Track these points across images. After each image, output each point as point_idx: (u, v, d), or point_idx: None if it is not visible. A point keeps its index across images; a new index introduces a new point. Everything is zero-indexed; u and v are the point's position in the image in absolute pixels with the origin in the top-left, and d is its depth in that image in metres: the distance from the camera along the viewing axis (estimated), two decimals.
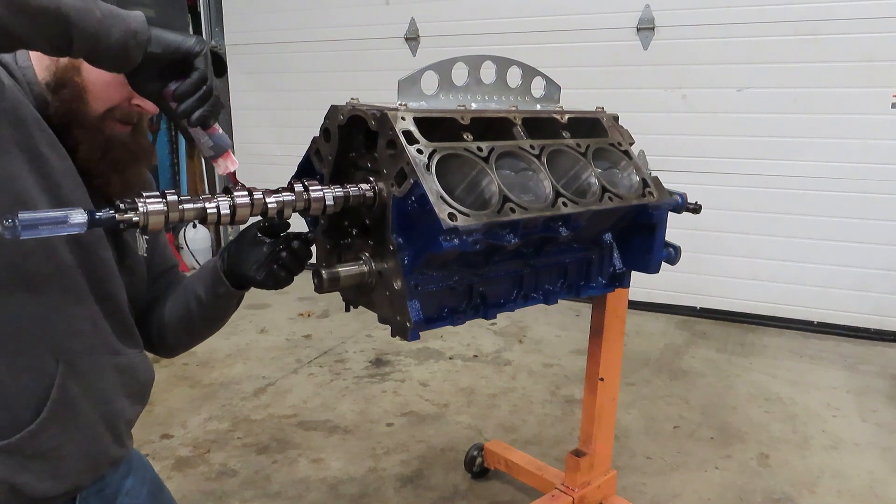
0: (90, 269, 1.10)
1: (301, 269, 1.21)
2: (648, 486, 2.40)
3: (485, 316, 1.37)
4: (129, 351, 1.20)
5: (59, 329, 1.06)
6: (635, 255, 1.54)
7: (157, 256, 1.35)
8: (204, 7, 5.19)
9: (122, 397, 1.19)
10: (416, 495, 2.35)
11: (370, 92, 1.51)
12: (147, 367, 1.27)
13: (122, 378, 1.18)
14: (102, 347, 1.13)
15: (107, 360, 1.14)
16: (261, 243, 1.20)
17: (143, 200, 0.95)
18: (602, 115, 1.56)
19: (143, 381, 1.25)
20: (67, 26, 0.84)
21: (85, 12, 0.84)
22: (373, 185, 1.20)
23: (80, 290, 1.09)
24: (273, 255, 1.18)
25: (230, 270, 1.23)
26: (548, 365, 3.44)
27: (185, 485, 2.40)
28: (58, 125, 1.06)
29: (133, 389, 1.22)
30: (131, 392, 1.22)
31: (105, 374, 1.14)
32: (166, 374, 3.27)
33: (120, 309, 1.18)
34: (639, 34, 3.99)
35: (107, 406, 1.15)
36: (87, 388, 1.10)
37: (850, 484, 2.42)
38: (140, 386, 1.24)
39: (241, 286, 1.25)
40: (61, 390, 1.06)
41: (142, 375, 1.24)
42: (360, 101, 1.27)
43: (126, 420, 1.22)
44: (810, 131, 3.74)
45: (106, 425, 1.16)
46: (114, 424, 1.17)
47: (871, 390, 3.18)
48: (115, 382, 1.16)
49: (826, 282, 3.89)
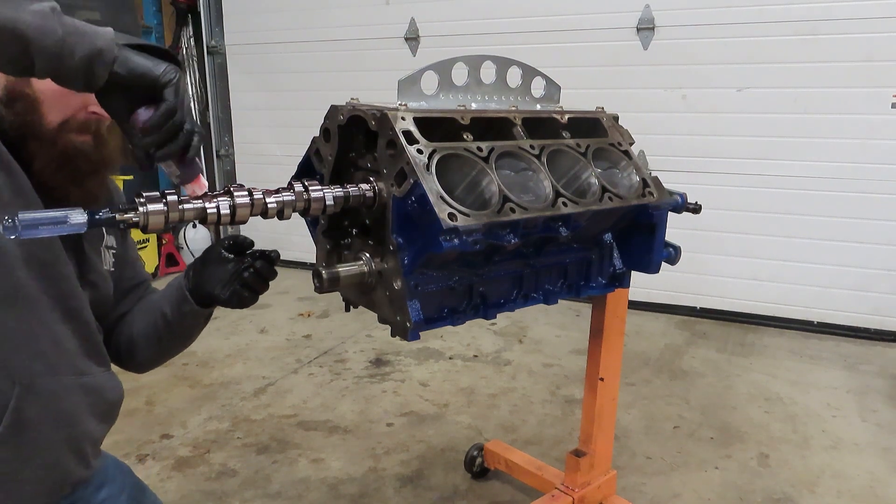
0: (50, 287, 1.07)
1: (265, 288, 1.20)
2: (648, 486, 2.40)
3: (485, 316, 1.37)
4: (95, 370, 1.17)
5: (18, 350, 1.03)
6: (635, 255, 1.54)
7: (127, 271, 1.32)
8: (204, 7, 5.19)
9: (88, 418, 1.15)
10: (416, 495, 2.35)
11: (370, 92, 1.51)
12: (115, 385, 1.24)
13: (89, 398, 1.15)
14: (66, 368, 1.10)
15: (71, 381, 1.11)
16: (226, 261, 1.19)
17: (144, 200, 0.95)
18: (602, 115, 1.56)
19: (111, 400, 1.22)
20: (26, 45, 0.81)
21: (45, 31, 0.81)
22: (373, 185, 1.20)
23: (40, 309, 1.06)
24: (237, 275, 1.17)
25: (195, 289, 1.22)
26: (548, 365, 3.44)
27: (185, 485, 2.40)
28: (13, 139, 1.03)
29: (100, 409, 1.19)
30: (99, 412, 1.19)
31: (69, 394, 1.11)
32: (166, 374, 3.27)
33: (85, 327, 1.15)
34: (639, 34, 3.99)
35: (71, 428, 1.12)
36: (47, 410, 1.07)
37: (850, 484, 2.42)
38: (108, 405, 1.22)
39: (206, 304, 1.23)
40: (15, 413, 1.03)
41: (109, 395, 1.21)
42: (360, 101, 1.27)
43: (92, 440, 1.19)
44: (810, 131, 3.74)
45: (69, 447, 1.12)
46: (78, 446, 1.14)
47: (871, 390, 3.18)
48: (80, 403, 1.13)
49: (826, 282, 3.89)
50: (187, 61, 5.38)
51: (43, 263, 1.06)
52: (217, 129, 5.39)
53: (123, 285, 1.32)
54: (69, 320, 1.11)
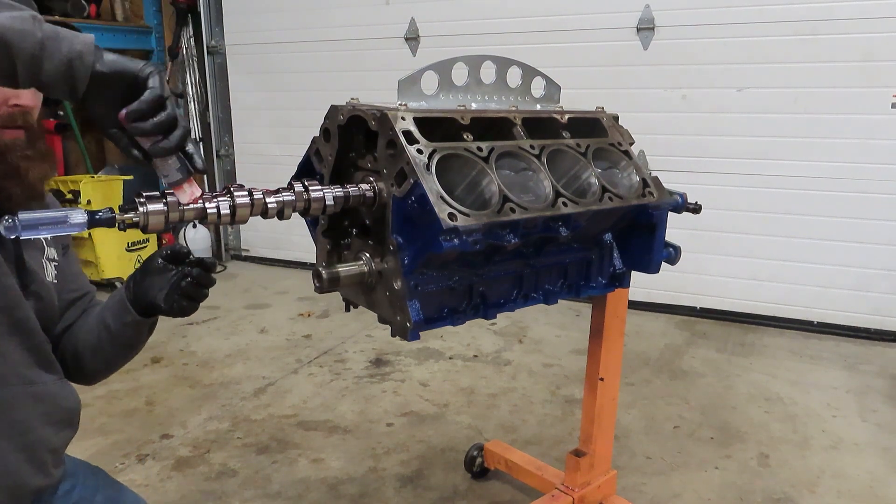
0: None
1: (203, 296, 1.19)
2: (648, 486, 2.40)
3: (485, 316, 1.37)
4: (46, 378, 1.17)
5: None
6: (635, 255, 1.54)
7: (69, 283, 1.32)
8: (204, 7, 5.18)
9: (43, 426, 1.15)
10: (416, 495, 2.35)
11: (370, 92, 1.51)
12: (69, 392, 1.24)
13: (42, 407, 1.15)
14: (14, 378, 1.10)
15: (21, 391, 1.11)
16: (165, 271, 1.18)
17: (144, 200, 0.95)
18: (602, 115, 1.56)
19: (67, 407, 1.22)
20: (6, 49, 0.80)
21: (24, 35, 0.81)
22: (373, 185, 1.20)
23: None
24: (175, 284, 1.17)
25: (136, 299, 1.21)
26: (548, 365, 3.44)
27: (185, 485, 2.40)
28: None
29: (57, 417, 1.19)
30: (55, 420, 1.19)
31: (20, 404, 1.11)
32: (166, 374, 3.28)
33: (32, 336, 1.15)
34: (639, 34, 3.99)
35: (23, 437, 1.12)
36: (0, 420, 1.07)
37: (850, 484, 2.42)
38: (64, 412, 1.21)
39: (148, 314, 1.23)
40: None
41: (64, 402, 1.21)
42: (360, 101, 1.27)
43: (51, 448, 1.19)
44: (810, 131, 3.74)
45: (25, 457, 1.12)
46: (33, 454, 1.14)
47: (871, 390, 3.18)
48: (33, 412, 1.13)
49: (826, 282, 3.89)
50: (187, 61, 5.39)
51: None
52: (217, 129, 5.39)
53: (66, 297, 1.31)
54: (15, 332, 1.11)
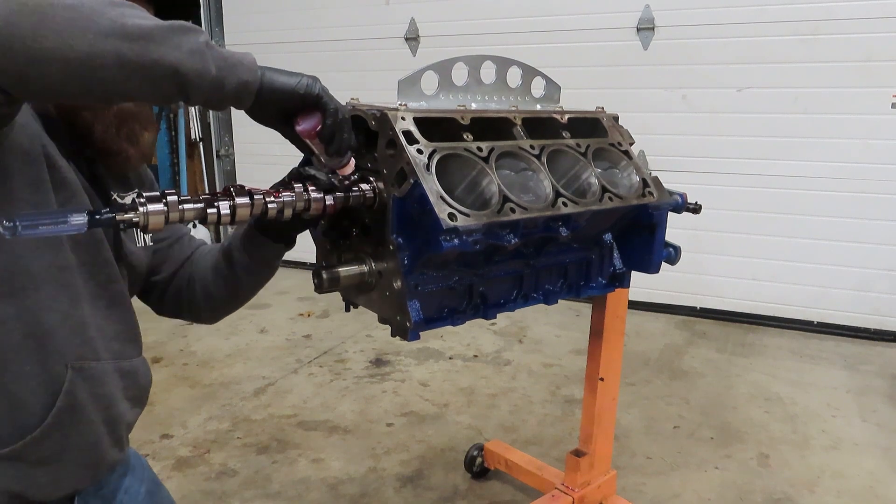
0: (96, 272, 1.09)
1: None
2: (648, 486, 2.40)
3: (485, 316, 1.37)
4: (132, 354, 1.21)
5: (72, 336, 1.05)
6: (635, 256, 1.54)
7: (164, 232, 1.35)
8: (204, 7, 5.19)
9: (123, 401, 1.19)
10: (416, 495, 2.35)
11: (370, 92, 1.51)
12: (146, 370, 1.27)
13: (125, 382, 1.18)
14: (107, 352, 1.13)
15: (111, 365, 1.14)
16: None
17: (144, 200, 0.95)
18: (602, 115, 1.56)
19: (143, 384, 1.26)
20: (183, 85, 0.84)
21: (202, 73, 0.85)
22: (373, 185, 1.19)
23: (88, 295, 1.08)
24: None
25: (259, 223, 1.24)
26: (548, 365, 3.44)
27: (185, 485, 2.40)
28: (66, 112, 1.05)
29: (133, 393, 1.22)
30: (132, 396, 1.22)
31: (109, 378, 1.14)
32: (166, 374, 3.28)
33: (126, 311, 1.18)
34: (639, 34, 3.99)
35: (109, 411, 1.15)
36: (92, 393, 1.10)
37: (850, 484, 2.42)
38: (140, 389, 1.25)
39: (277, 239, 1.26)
40: (68, 397, 1.05)
41: (142, 379, 1.25)
42: (359, 101, 1.27)
43: (126, 424, 1.22)
44: (810, 131, 3.74)
45: (107, 430, 1.15)
46: (114, 429, 1.17)
47: (871, 390, 3.19)
48: (117, 387, 1.16)
49: (826, 282, 3.89)
50: None
51: (88, 247, 1.07)
52: (217, 129, 5.39)
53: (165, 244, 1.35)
54: (112, 305, 1.14)
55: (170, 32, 0.83)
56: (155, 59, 0.81)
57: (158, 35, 0.81)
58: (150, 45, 0.80)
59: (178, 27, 0.84)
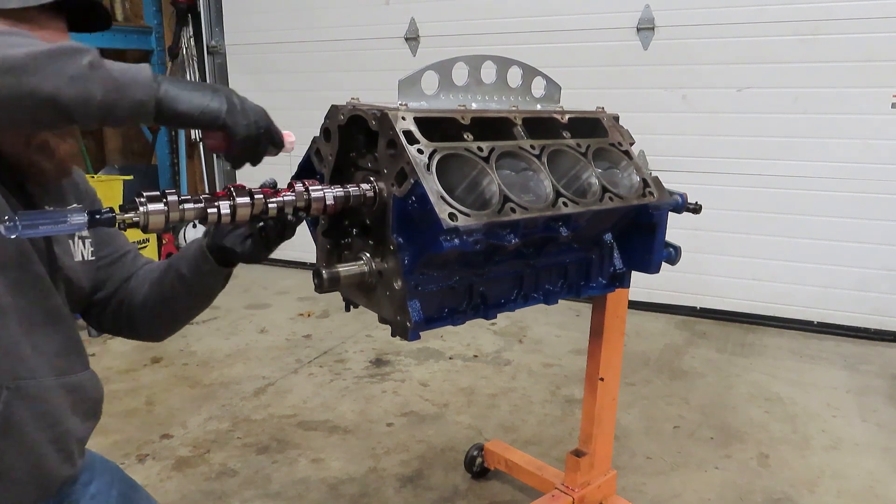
0: (27, 290, 1.07)
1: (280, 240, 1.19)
2: (648, 486, 2.40)
3: (485, 316, 1.37)
4: (77, 367, 1.19)
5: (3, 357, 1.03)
6: (635, 256, 1.54)
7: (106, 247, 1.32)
8: (204, 7, 5.19)
9: (71, 416, 1.17)
10: (416, 495, 2.35)
11: (370, 92, 1.51)
12: (95, 383, 1.25)
13: (72, 397, 1.16)
14: (47, 369, 1.11)
15: (53, 382, 1.12)
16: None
17: (144, 200, 0.95)
18: (602, 115, 1.56)
19: (94, 397, 1.24)
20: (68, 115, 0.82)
21: (86, 100, 0.82)
22: (373, 184, 1.20)
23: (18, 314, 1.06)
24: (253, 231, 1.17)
25: (214, 244, 1.22)
26: (548, 365, 3.44)
27: (185, 485, 2.40)
28: None
29: (83, 408, 1.20)
30: (83, 410, 1.20)
31: (52, 395, 1.12)
32: (166, 374, 3.28)
33: (64, 326, 1.16)
34: (639, 34, 3.99)
35: (55, 428, 1.13)
36: (32, 412, 1.08)
37: (850, 484, 2.42)
38: (91, 403, 1.23)
39: (225, 263, 1.24)
40: (3, 417, 1.03)
41: (91, 392, 1.22)
42: (360, 100, 1.27)
43: (77, 439, 1.20)
44: (810, 131, 3.74)
45: (55, 447, 1.13)
46: (63, 445, 1.15)
47: (871, 390, 3.18)
48: (63, 403, 1.14)
49: (826, 282, 3.89)
50: (187, 61, 5.39)
51: (16, 267, 1.05)
52: None
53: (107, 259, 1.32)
54: (49, 321, 1.12)
55: (47, 60, 0.79)
56: (29, 90, 0.78)
57: (32, 65, 0.78)
58: (22, 76, 0.78)
59: (58, 51, 0.81)
